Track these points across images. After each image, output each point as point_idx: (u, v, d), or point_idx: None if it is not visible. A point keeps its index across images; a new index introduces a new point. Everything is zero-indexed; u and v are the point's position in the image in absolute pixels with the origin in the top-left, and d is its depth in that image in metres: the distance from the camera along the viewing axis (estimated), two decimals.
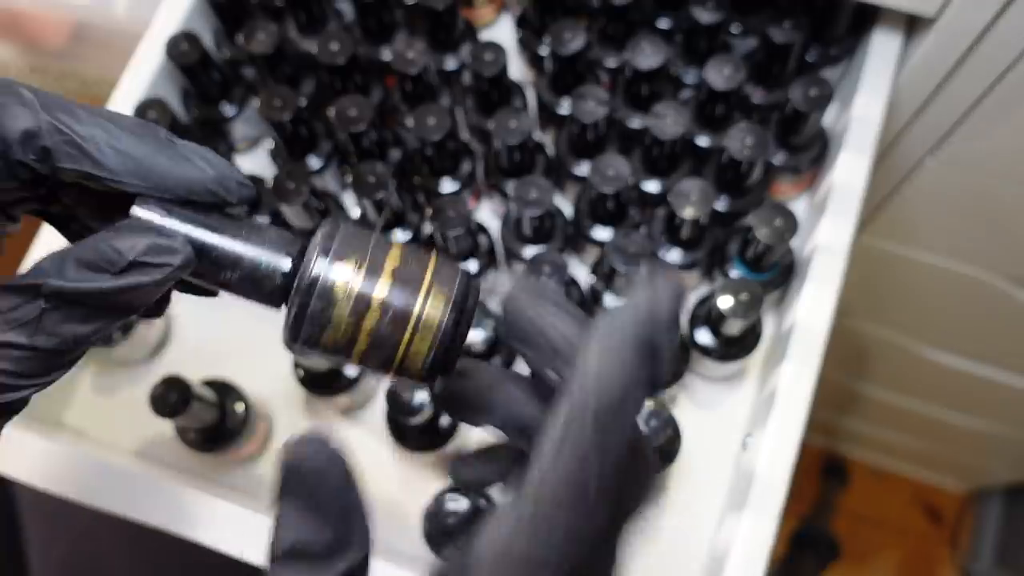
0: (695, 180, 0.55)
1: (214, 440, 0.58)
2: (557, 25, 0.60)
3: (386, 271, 0.27)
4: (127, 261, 0.25)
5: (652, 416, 0.53)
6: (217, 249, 0.27)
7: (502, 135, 0.58)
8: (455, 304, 0.28)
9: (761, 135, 0.56)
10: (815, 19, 0.61)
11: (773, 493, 0.50)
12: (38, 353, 0.25)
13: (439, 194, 0.62)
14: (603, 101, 0.58)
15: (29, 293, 0.24)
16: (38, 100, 0.25)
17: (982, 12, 0.51)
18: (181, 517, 0.51)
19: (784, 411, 0.52)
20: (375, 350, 0.27)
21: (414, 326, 0.27)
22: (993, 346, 0.92)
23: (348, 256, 0.27)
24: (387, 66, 0.66)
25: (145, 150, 0.26)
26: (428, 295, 0.27)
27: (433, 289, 0.27)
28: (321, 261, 0.27)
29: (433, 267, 0.28)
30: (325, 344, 0.27)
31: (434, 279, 0.28)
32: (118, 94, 0.64)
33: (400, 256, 0.28)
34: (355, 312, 0.27)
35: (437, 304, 0.27)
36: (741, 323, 0.54)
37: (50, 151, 0.25)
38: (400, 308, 0.27)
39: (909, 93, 0.61)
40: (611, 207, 0.58)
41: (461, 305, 0.28)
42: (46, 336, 0.25)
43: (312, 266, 0.27)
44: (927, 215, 0.75)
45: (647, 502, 0.26)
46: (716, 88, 0.57)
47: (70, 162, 0.25)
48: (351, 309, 0.27)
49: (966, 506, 1.43)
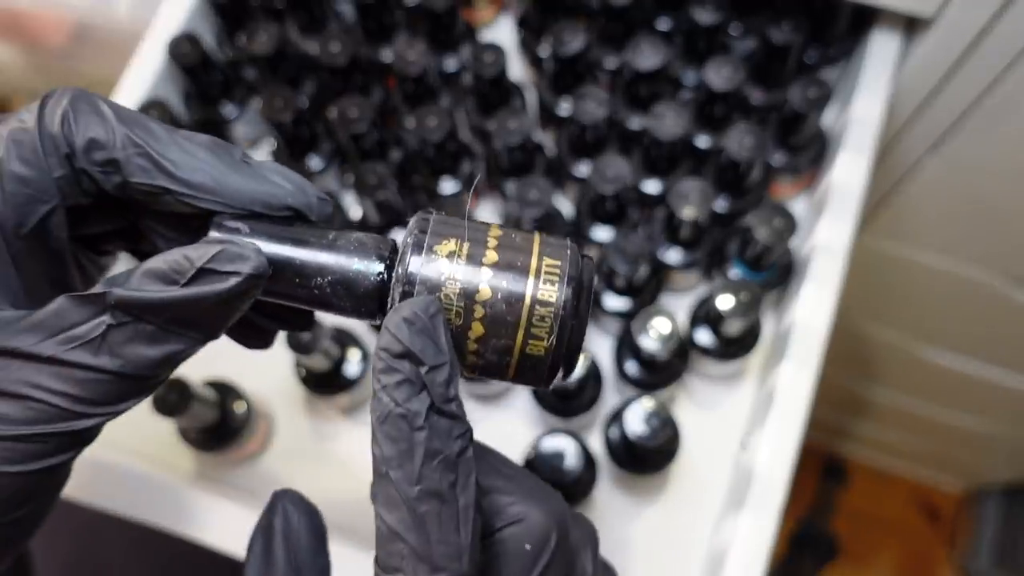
0: (695, 180, 0.55)
1: (215, 440, 0.58)
2: (557, 26, 0.60)
3: (486, 265, 0.25)
4: (195, 268, 0.23)
5: (652, 416, 0.53)
6: (301, 258, 0.25)
7: (502, 136, 0.58)
8: (571, 280, 0.25)
9: (760, 136, 0.56)
10: (814, 20, 0.61)
11: (773, 493, 0.50)
12: (104, 376, 0.23)
13: (439, 194, 0.62)
14: (603, 102, 0.58)
15: (96, 305, 0.23)
16: (115, 113, 0.25)
17: (981, 12, 0.51)
18: (182, 517, 0.51)
19: (784, 411, 0.52)
20: (488, 356, 0.25)
21: (527, 324, 0.24)
22: (993, 346, 0.92)
23: (443, 247, 0.25)
24: (388, 67, 0.66)
25: (221, 167, 0.25)
26: (539, 275, 0.25)
27: (544, 268, 0.25)
28: (415, 257, 0.25)
29: (539, 244, 0.26)
30: None
31: (543, 257, 0.25)
32: (119, 94, 0.64)
33: (499, 243, 0.25)
34: (459, 318, 0.24)
35: (550, 284, 0.25)
36: (741, 323, 0.54)
37: (120, 164, 0.24)
38: (510, 293, 0.24)
39: (908, 93, 0.61)
40: (611, 207, 0.58)
41: (578, 281, 0.25)
42: (111, 357, 0.23)
43: (408, 263, 0.25)
44: (927, 215, 0.75)
45: None
46: (715, 89, 0.58)
47: (144, 176, 0.24)
48: (454, 315, 0.24)
49: (965, 506, 1.43)
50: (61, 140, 0.24)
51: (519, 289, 0.24)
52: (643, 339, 0.53)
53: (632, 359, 0.57)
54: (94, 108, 0.24)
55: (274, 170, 0.26)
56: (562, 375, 0.26)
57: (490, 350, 0.25)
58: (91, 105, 0.24)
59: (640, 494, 0.59)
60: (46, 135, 0.24)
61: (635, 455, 0.55)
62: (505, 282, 0.24)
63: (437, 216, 0.26)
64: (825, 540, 1.42)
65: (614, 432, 0.56)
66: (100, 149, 0.24)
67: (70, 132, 0.24)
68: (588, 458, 0.55)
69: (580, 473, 0.53)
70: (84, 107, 0.24)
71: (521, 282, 0.24)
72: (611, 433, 0.56)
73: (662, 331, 0.54)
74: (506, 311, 0.24)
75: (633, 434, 0.52)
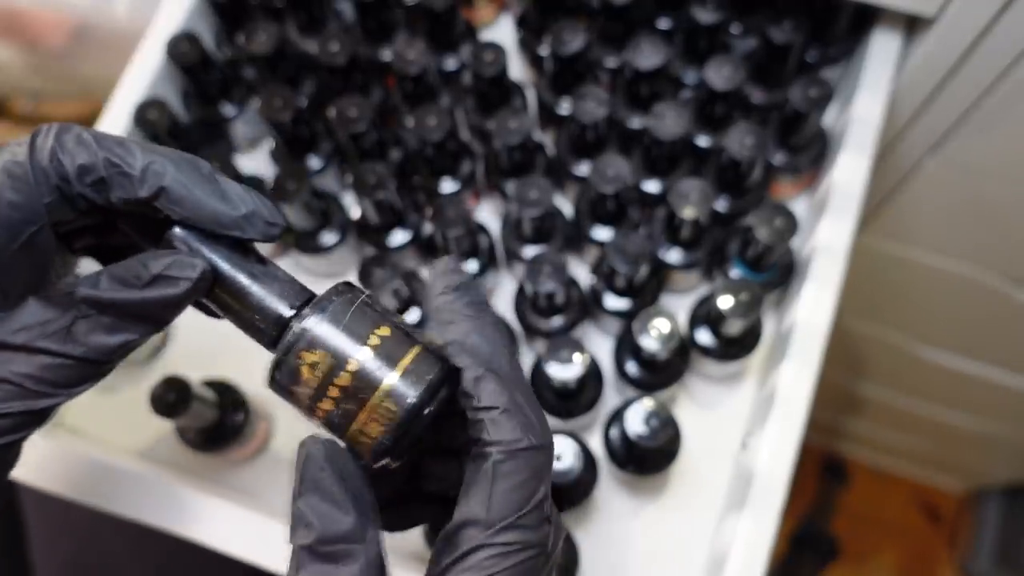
0: (695, 180, 0.55)
1: (214, 440, 0.58)
2: (557, 25, 0.60)
3: (348, 369, 0.28)
4: (151, 275, 0.28)
5: (652, 416, 0.53)
6: (231, 281, 0.30)
7: (502, 135, 0.58)
8: (421, 395, 0.28)
9: (761, 135, 0.56)
10: (815, 19, 0.61)
11: (773, 493, 0.50)
12: (68, 361, 0.27)
13: (439, 194, 0.62)
14: (603, 101, 0.58)
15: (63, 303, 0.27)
16: (94, 139, 0.28)
17: (982, 12, 0.51)
18: (181, 517, 0.51)
19: (784, 411, 0.52)
20: (338, 411, 0.28)
21: (378, 402, 0.28)
22: (993, 346, 0.92)
23: (318, 345, 0.28)
24: (387, 66, 0.66)
25: (185, 180, 0.29)
26: (404, 375, 0.28)
27: (406, 373, 0.28)
28: (315, 316, 0.29)
29: (415, 354, 0.29)
30: (293, 393, 0.29)
31: (412, 365, 0.29)
32: (118, 94, 0.64)
33: (372, 352, 0.29)
34: (331, 371, 0.28)
35: (407, 388, 0.28)
36: (741, 323, 0.54)
37: (105, 181, 0.28)
38: (367, 382, 0.28)
39: (909, 93, 0.61)
40: (611, 207, 0.58)
41: (425, 399, 0.28)
42: (75, 344, 0.27)
43: (305, 319, 0.29)
44: (927, 215, 0.75)
45: None
46: (716, 88, 0.58)
47: (122, 191, 0.28)
48: (328, 367, 0.28)
49: (965, 506, 1.43)
50: (51, 171, 0.28)
51: (351, 414, 0.28)
52: (643, 339, 0.53)
53: (632, 359, 0.57)
54: (78, 139, 0.28)
55: (235, 190, 0.30)
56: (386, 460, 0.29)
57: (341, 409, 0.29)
58: (75, 136, 0.28)
59: (640, 494, 0.59)
60: (37, 168, 0.28)
61: (635, 455, 0.55)
62: (344, 404, 0.28)
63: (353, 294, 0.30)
64: (825, 540, 1.42)
65: (614, 432, 0.56)
66: (88, 173, 0.28)
67: (59, 164, 0.28)
68: (588, 458, 0.54)
69: (580, 473, 0.52)
70: (69, 139, 0.28)
71: (355, 411, 0.28)
72: (611, 433, 0.56)
73: (662, 331, 0.53)
74: (340, 418, 0.28)
75: (633, 434, 0.52)
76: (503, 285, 0.65)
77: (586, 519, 0.58)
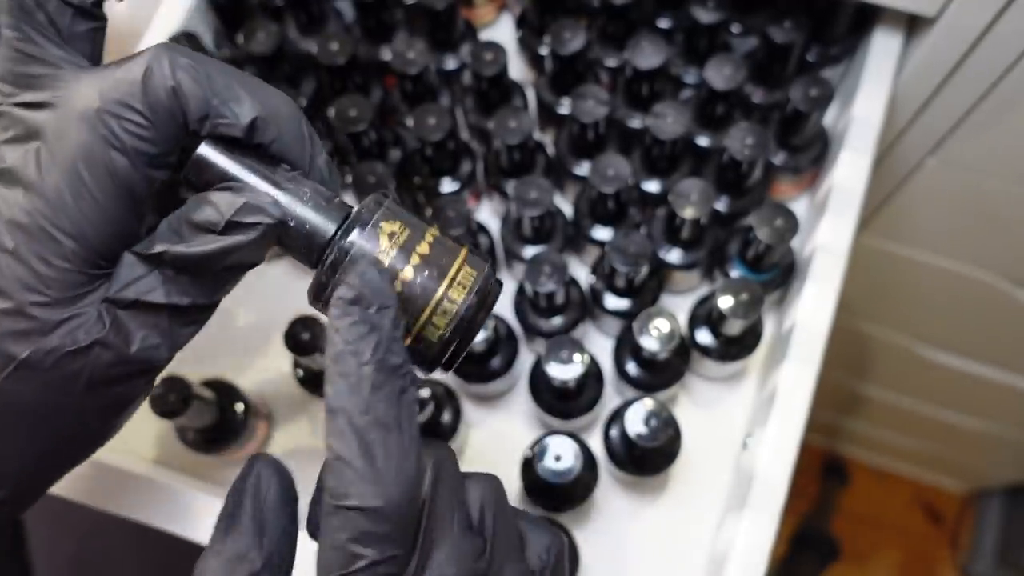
0: (695, 180, 0.55)
1: (214, 440, 0.58)
2: (557, 25, 0.60)
3: (418, 251, 0.29)
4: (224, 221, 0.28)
5: (652, 416, 0.53)
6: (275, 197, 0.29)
7: (502, 135, 0.58)
8: (477, 294, 0.29)
9: (761, 135, 0.56)
10: (815, 19, 0.60)
11: (773, 493, 0.50)
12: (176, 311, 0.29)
13: (439, 194, 0.62)
14: (603, 101, 0.58)
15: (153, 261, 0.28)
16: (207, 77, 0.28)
17: (982, 12, 0.51)
18: (181, 517, 0.51)
19: (784, 411, 0.52)
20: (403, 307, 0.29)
21: (434, 307, 0.29)
22: (993, 346, 0.92)
23: (387, 225, 0.29)
24: (387, 66, 0.66)
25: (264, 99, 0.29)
26: (452, 282, 0.29)
27: (459, 277, 0.29)
28: (357, 231, 0.29)
29: (463, 257, 0.30)
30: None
31: (461, 269, 0.29)
32: None
33: (433, 240, 0.30)
34: (391, 267, 0.28)
35: (458, 293, 0.29)
36: (741, 323, 0.54)
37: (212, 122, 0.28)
38: (428, 281, 0.29)
39: (909, 93, 0.61)
40: (611, 207, 0.58)
41: (482, 297, 0.30)
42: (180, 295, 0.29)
43: (348, 235, 0.29)
44: (927, 215, 0.75)
45: None
46: (716, 88, 0.57)
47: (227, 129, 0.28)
48: (389, 264, 0.28)
49: (966, 506, 1.43)
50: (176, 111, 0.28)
51: (435, 282, 0.29)
52: (643, 339, 0.53)
53: (632, 359, 0.57)
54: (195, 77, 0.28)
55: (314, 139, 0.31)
56: (442, 368, 0.30)
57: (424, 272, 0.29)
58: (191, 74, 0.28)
59: (640, 495, 0.59)
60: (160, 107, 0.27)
61: (635, 456, 0.55)
62: (427, 272, 0.29)
63: (392, 202, 0.30)
64: (826, 541, 1.42)
65: (614, 432, 0.56)
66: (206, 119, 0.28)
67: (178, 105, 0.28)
68: (588, 458, 0.54)
69: (580, 474, 0.52)
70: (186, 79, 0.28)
71: (439, 278, 0.29)
72: (611, 433, 0.56)
73: (662, 331, 0.53)
74: (419, 294, 0.29)
75: (633, 434, 0.52)
76: (503, 285, 0.65)
77: (586, 519, 0.58)
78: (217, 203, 0.28)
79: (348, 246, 0.29)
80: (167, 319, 0.29)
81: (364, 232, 0.29)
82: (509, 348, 0.58)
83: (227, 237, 0.28)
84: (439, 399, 0.57)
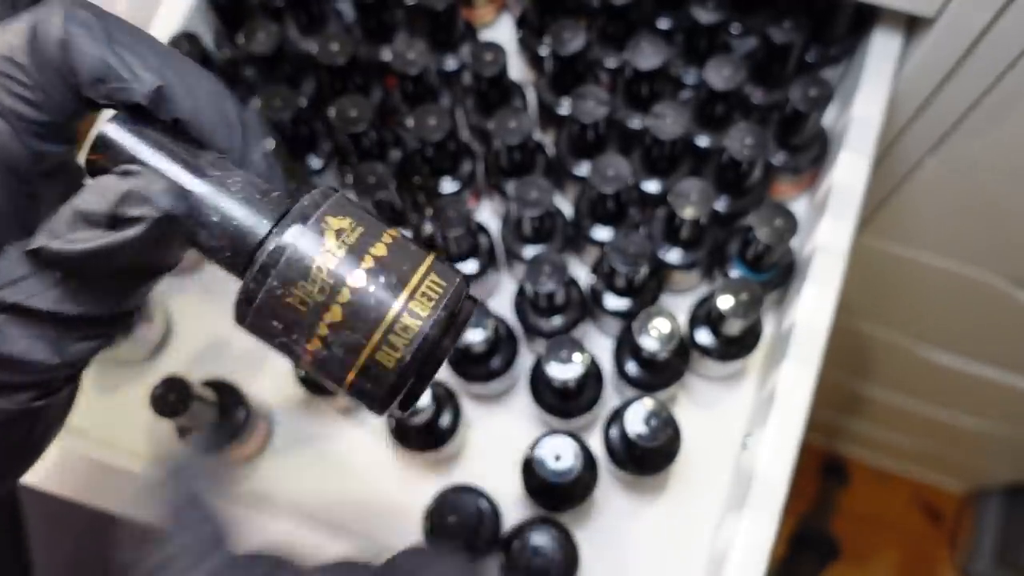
0: (695, 180, 0.55)
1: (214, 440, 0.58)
2: (557, 25, 0.60)
3: (370, 255, 0.23)
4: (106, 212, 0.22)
5: (652, 416, 0.53)
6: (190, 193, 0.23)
7: (502, 135, 0.58)
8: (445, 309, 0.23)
9: (761, 135, 0.56)
10: (815, 19, 0.61)
11: (773, 493, 0.50)
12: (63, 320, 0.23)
13: (439, 194, 0.62)
14: (603, 101, 0.58)
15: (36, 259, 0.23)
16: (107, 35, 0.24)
17: (981, 12, 0.51)
18: None
19: (784, 411, 0.52)
20: (334, 347, 0.23)
21: (391, 322, 0.22)
22: (993, 346, 0.92)
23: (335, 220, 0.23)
24: (387, 66, 0.66)
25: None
26: (415, 293, 0.23)
27: (423, 287, 0.23)
28: (296, 228, 0.23)
29: (430, 262, 0.24)
30: (276, 330, 0.23)
31: (426, 277, 0.23)
32: None
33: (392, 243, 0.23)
34: (321, 295, 0.22)
35: (422, 307, 0.23)
36: (741, 323, 0.54)
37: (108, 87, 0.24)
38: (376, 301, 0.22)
39: (909, 93, 0.61)
40: (611, 207, 0.58)
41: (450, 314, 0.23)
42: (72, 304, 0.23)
43: (284, 232, 0.23)
44: (927, 215, 0.75)
45: None
46: (716, 88, 0.58)
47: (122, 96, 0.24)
48: (317, 291, 0.22)
49: (966, 506, 1.43)
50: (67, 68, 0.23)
51: (393, 291, 0.22)
52: (643, 339, 0.53)
53: (632, 359, 0.57)
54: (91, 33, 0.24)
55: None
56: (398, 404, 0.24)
57: (339, 342, 0.23)
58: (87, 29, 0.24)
59: (640, 494, 0.59)
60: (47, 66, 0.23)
61: (635, 455, 0.55)
62: (383, 278, 0.23)
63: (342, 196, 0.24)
64: (825, 540, 1.42)
65: (614, 432, 0.56)
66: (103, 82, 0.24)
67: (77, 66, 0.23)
68: (588, 458, 0.54)
69: (580, 473, 0.52)
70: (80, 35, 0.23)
71: (398, 287, 0.23)
72: (611, 433, 0.56)
73: (662, 331, 0.53)
74: (372, 306, 0.22)
75: (633, 434, 0.52)
76: (503, 285, 0.65)
77: (586, 519, 0.58)
78: (102, 189, 0.22)
79: (283, 246, 0.22)
80: (53, 330, 0.23)
81: (305, 227, 0.23)
82: (509, 348, 0.59)
83: (110, 233, 0.22)
84: (439, 399, 0.57)
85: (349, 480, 0.60)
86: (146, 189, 0.22)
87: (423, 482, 0.59)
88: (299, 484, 0.60)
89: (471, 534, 0.53)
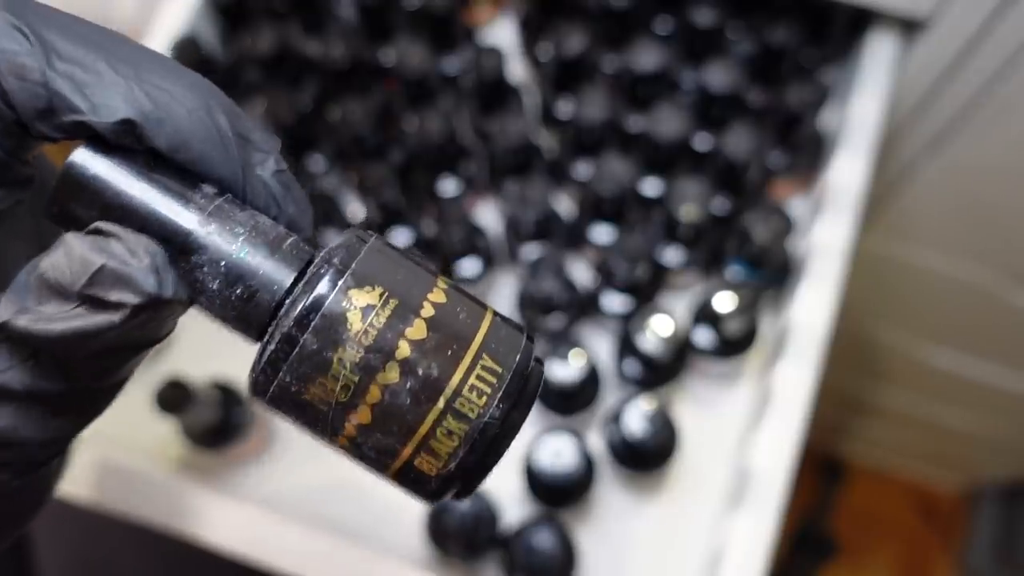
0: (694, 181, 0.55)
1: (216, 439, 0.58)
2: (557, 27, 0.60)
3: (405, 340, 0.18)
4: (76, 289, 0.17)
5: (651, 415, 0.53)
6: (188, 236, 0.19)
7: (502, 137, 0.58)
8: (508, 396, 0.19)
9: (759, 136, 0.56)
10: (812, 21, 0.61)
11: (772, 492, 0.50)
12: None
13: (440, 195, 0.63)
14: (603, 103, 0.58)
15: None
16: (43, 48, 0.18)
17: (977, 15, 0.52)
18: (183, 516, 0.52)
19: (783, 410, 0.52)
20: (365, 449, 0.19)
21: (426, 433, 0.19)
22: (993, 346, 0.92)
23: (370, 282, 0.19)
24: (389, 69, 0.66)
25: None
26: (470, 374, 0.19)
27: (480, 366, 0.19)
28: (329, 282, 0.19)
29: (487, 330, 0.19)
30: (306, 403, 0.19)
31: (484, 350, 0.19)
32: None
33: (435, 315, 0.19)
34: (345, 394, 0.18)
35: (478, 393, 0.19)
36: (739, 323, 0.54)
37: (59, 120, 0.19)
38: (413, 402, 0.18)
39: (906, 94, 0.61)
40: (611, 207, 0.59)
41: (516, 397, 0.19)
42: None
43: (316, 286, 0.19)
44: (925, 216, 0.75)
45: None
46: (714, 90, 0.58)
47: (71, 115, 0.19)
48: (339, 388, 0.18)
49: (963, 505, 1.43)
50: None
51: (434, 387, 0.18)
52: (642, 339, 0.54)
53: (631, 359, 0.58)
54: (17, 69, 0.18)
55: None
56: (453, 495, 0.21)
57: (370, 444, 0.19)
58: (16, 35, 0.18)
59: (639, 493, 0.59)
60: None
61: (634, 454, 0.55)
62: (421, 370, 0.18)
63: (372, 250, 0.19)
64: (825, 539, 1.42)
65: (613, 431, 0.56)
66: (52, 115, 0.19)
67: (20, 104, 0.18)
68: (587, 457, 0.55)
69: (579, 472, 0.53)
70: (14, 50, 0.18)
71: (441, 381, 0.18)
72: (610, 432, 0.57)
73: (661, 331, 0.54)
74: (408, 407, 0.18)
75: (632, 433, 0.53)
76: (503, 285, 0.65)
77: (585, 517, 0.59)
78: (70, 260, 0.17)
79: (294, 337, 0.18)
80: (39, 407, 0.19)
81: (323, 309, 0.18)
82: None
83: (83, 316, 0.17)
84: None
85: (349, 480, 0.60)
86: (124, 267, 0.17)
87: None
88: (299, 484, 0.61)
89: (471, 532, 0.53)
